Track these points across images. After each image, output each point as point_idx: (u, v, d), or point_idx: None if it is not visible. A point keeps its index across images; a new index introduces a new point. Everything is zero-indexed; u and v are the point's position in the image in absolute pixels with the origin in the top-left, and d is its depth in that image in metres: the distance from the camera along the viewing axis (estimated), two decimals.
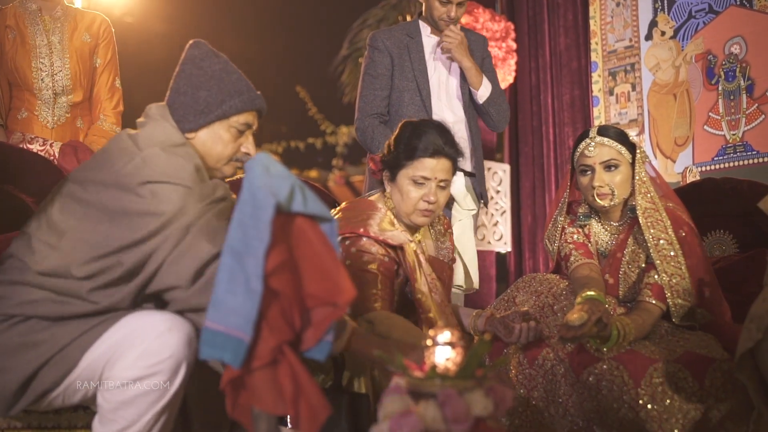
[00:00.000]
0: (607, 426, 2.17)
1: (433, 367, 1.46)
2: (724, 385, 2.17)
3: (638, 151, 2.45)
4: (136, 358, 1.67)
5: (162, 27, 9.57)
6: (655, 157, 4.56)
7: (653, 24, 4.65)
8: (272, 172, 1.49)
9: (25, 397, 1.73)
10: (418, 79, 3.42)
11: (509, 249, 5.52)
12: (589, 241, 2.56)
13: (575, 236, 2.56)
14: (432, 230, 2.63)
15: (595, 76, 4.93)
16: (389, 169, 2.46)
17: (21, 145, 2.90)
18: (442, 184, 2.42)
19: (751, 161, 4.12)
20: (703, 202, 3.21)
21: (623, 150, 2.44)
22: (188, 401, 1.90)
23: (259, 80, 2.29)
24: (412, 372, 1.48)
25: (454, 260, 2.67)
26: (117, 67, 3.25)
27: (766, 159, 4.06)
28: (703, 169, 4.32)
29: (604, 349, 2.19)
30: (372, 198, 2.54)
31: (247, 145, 2.01)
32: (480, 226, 5.25)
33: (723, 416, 2.13)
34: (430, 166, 2.38)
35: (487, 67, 3.51)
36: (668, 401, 2.11)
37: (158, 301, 1.83)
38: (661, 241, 2.35)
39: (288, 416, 1.53)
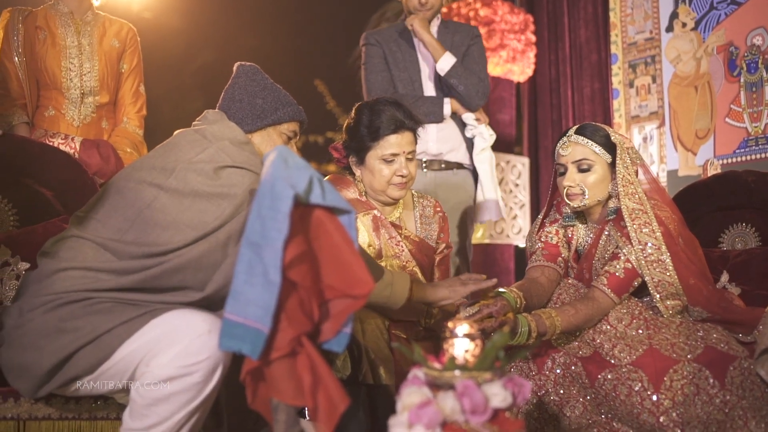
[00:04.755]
0: (627, 422, 2.14)
1: (452, 358, 1.46)
2: (743, 382, 2.12)
3: (620, 150, 2.36)
4: (174, 356, 1.68)
5: (180, 22, 9.60)
6: (676, 150, 4.52)
7: (674, 15, 4.60)
8: (290, 164, 1.49)
9: (56, 379, 1.76)
10: (410, 70, 3.54)
11: None
12: (569, 242, 2.54)
13: (550, 236, 2.54)
14: (415, 213, 2.64)
15: (615, 69, 4.89)
16: (355, 152, 2.51)
17: (43, 140, 2.94)
18: (409, 156, 2.47)
19: None
20: (725, 194, 3.18)
21: (599, 150, 2.36)
22: (221, 399, 1.91)
23: (277, 75, 2.36)
24: (431, 363, 1.48)
25: (449, 246, 2.69)
26: (141, 73, 3.35)
27: None
28: (725, 161, 4.28)
29: (515, 342, 2.11)
30: (348, 177, 2.60)
31: (293, 152, 2.15)
32: (498, 221, 5.24)
33: (746, 415, 2.09)
34: (397, 142, 2.44)
35: (472, 54, 3.59)
36: (690, 404, 2.07)
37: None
38: (648, 246, 2.28)
39: (306, 408, 1.53)
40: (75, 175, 2.61)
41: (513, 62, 5.31)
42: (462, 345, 1.49)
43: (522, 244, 5.53)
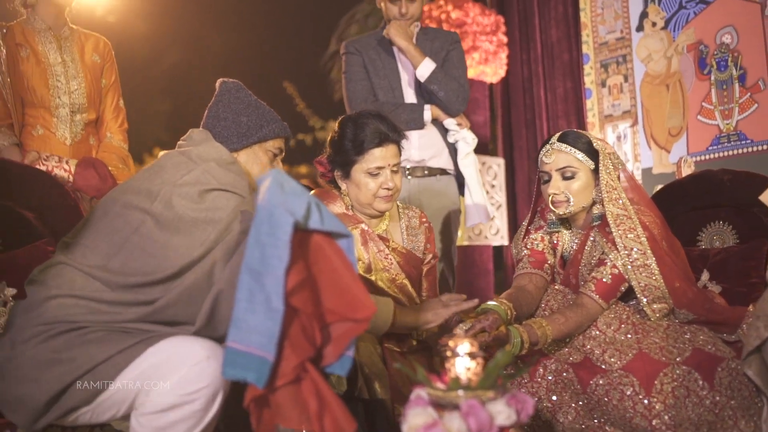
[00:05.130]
0: (620, 426, 2.17)
1: (456, 378, 1.47)
2: (732, 383, 2.17)
3: (602, 156, 2.39)
4: (174, 385, 1.67)
5: (144, 25, 9.51)
6: (650, 148, 4.58)
7: (644, 15, 4.66)
8: (287, 190, 1.49)
9: (53, 410, 1.73)
10: (390, 77, 3.56)
11: (506, 243, 5.54)
12: (554, 248, 2.57)
13: (535, 243, 2.57)
14: (401, 224, 2.65)
15: (587, 68, 4.94)
16: (340, 167, 2.51)
17: (37, 164, 2.88)
18: (394, 168, 2.48)
19: (745, 150, 4.14)
20: (702, 193, 3.23)
21: (582, 156, 2.40)
22: (219, 426, 1.90)
23: (245, 76, 2.36)
24: (434, 383, 1.49)
25: (436, 256, 2.70)
26: (119, 87, 3.32)
27: (760, 148, 4.08)
28: (698, 158, 4.34)
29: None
30: (334, 191, 2.60)
31: (279, 168, 2.19)
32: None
33: (736, 415, 2.13)
34: (381, 155, 2.45)
35: (451, 60, 3.61)
36: (681, 407, 2.11)
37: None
38: (634, 251, 2.31)
39: None
40: (56, 196, 2.58)
41: (485, 64, 5.34)
42: (464, 364, 1.50)
43: (499, 244, 5.57)
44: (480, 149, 5.37)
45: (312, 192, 2.58)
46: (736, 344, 2.33)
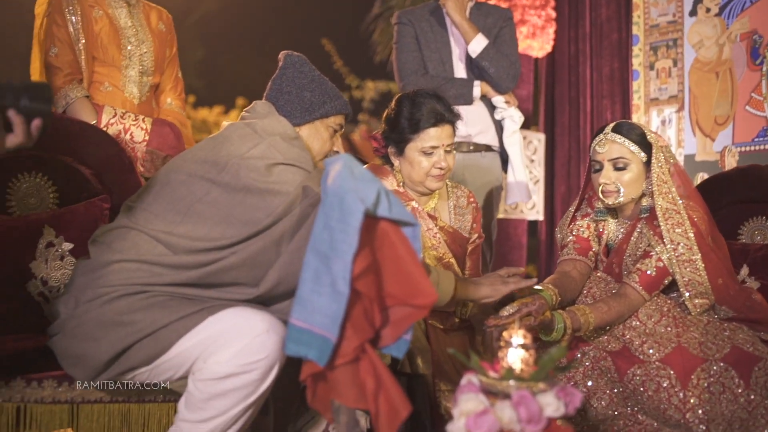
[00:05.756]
0: (653, 416, 2.22)
1: (509, 368, 1.52)
2: (767, 383, 2.21)
3: (655, 149, 2.41)
4: (233, 355, 1.72)
5: None
6: (694, 135, 4.55)
7: (698, 0, 4.59)
8: (357, 176, 1.53)
9: (112, 369, 1.81)
10: (441, 51, 3.56)
11: (541, 218, 5.56)
12: (599, 236, 2.59)
13: (581, 230, 2.60)
14: (449, 203, 2.68)
15: (635, 50, 4.88)
16: (394, 144, 2.55)
17: (113, 120, 2.92)
18: (448, 148, 2.52)
19: None
20: (747, 187, 3.23)
21: (635, 148, 2.41)
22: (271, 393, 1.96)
23: (282, 29, 2.37)
24: (487, 371, 1.54)
25: (481, 236, 2.73)
26: (178, 59, 3.35)
27: None
28: (743, 149, 4.31)
29: (551, 338, 2.20)
30: (386, 166, 2.65)
31: (338, 145, 2.25)
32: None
33: None
34: (436, 135, 2.48)
35: (503, 37, 3.61)
36: (715, 402, 2.15)
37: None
38: (681, 246, 2.33)
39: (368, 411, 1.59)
40: (113, 154, 2.62)
41: (533, 38, 5.30)
42: (517, 354, 1.55)
43: (534, 219, 5.58)
44: (522, 124, 5.37)
45: (366, 166, 2.62)
46: None
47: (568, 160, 5.51)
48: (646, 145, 2.43)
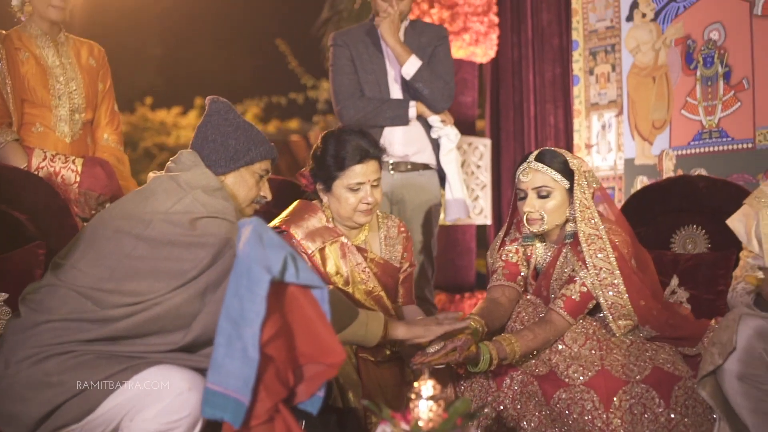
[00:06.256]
0: None
1: (416, 422, 1.58)
2: (686, 401, 2.32)
3: (578, 176, 2.48)
4: (157, 413, 1.77)
5: None
6: (633, 139, 4.65)
7: (634, 5, 4.68)
8: (265, 242, 1.58)
9: (45, 426, 1.85)
10: (377, 72, 3.61)
11: (489, 222, 5.64)
12: (528, 260, 2.67)
13: (510, 254, 2.68)
14: (380, 234, 2.74)
15: (575, 55, 4.96)
16: (322, 181, 2.59)
17: (44, 163, 2.93)
18: (375, 183, 2.56)
19: (726, 147, 4.21)
20: (678, 196, 3.34)
21: (558, 177, 2.49)
22: None
23: (238, 28, 2.39)
24: (398, 423, 1.60)
25: (412, 265, 2.79)
26: (113, 92, 3.36)
27: (740, 146, 4.15)
28: (680, 153, 4.42)
29: (478, 370, 2.28)
30: (315, 203, 2.68)
31: (265, 189, 2.28)
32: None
33: (689, 431, 2.27)
34: (362, 172, 2.52)
35: (438, 56, 3.66)
36: (637, 423, 2.25)
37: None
38: (603, 270, 2.41)
39: None
40: (47, 198, 2.65)
41: (476, 45, 5.36)
42: (426, 406, 1.62)
43: (482, 224, 5.67)
44: (467, 130, 5.44)
45: (296, 203, 2.67)
46: (696, 358, 2.46)
47: (513, 165, 5.58)
48: (568, 173, 2.50)
